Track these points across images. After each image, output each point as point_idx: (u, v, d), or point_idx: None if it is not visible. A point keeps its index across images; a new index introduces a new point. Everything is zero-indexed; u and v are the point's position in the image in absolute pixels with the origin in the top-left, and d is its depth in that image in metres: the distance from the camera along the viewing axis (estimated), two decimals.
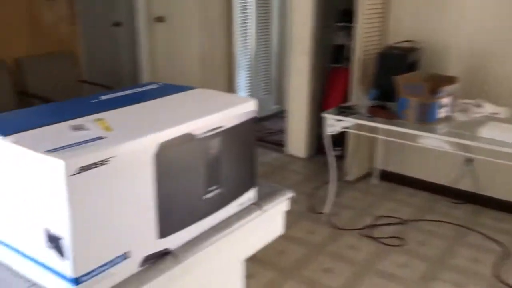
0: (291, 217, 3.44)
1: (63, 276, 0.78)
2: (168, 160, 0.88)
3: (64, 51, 4.34)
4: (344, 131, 3.18)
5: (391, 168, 3.82)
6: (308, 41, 4.01)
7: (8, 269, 0.90)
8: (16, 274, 0.88)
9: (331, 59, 4.29)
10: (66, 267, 0.77)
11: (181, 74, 4.78)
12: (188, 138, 0.92)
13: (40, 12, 4.15)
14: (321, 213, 3.27)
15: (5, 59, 3.89)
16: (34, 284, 0.85)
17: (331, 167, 3.17)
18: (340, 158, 4.03)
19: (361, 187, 3.76)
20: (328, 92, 4.25)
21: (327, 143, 3.07)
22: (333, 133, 3.03)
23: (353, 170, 3.79)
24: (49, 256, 0.79)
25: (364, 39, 3.49)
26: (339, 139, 3.99)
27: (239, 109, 1.05)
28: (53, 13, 4.24)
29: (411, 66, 3.24)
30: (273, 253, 2.81)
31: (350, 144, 3.75)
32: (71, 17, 4.39)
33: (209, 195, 1.01)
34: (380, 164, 3.81)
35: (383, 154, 3.81)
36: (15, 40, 3.99)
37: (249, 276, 2.60)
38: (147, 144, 0.84)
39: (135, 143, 0.81)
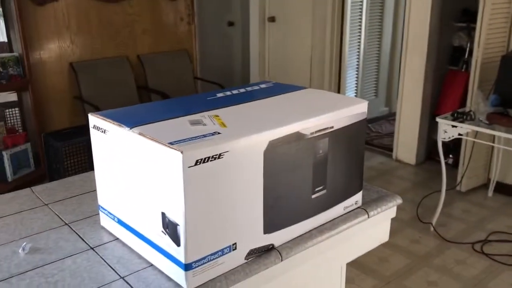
0: (396, 225, 3.31)
1: (175, 260, 0.84)
2: (277, 158, 0.90)
3: (181, 49, 4.60)
4: (459, 138, 2.99)
5: (510, 180, 3.52)
6: (424, 41, 3.83)
7: (125, 246, 0.98)
8: (132, 252, 0.95)
9: (449, 61, 4.06)
10: (178, 252, 0.82)
11: (290, 73, 4.83)
12: (297, 137, 0.93)
13: (163, 12, 4.44)
14: (428, 223, 3.11)
15: (129, 56, 4.22)
16: (150, 264, 0.92)
17: (443, 175, 3.00)
18: (452, 166, 3.81)
19: (474, 199, 3.51)
20: (443, 96, 4.03)
21: (440, 149, 2.91)
22: (447, 140, 2.87)
23: (466, 180, 3.56)
24: (163, 240, 0.85)
25: (486, 41, 3.25)
26: (453, 146, 3.77)
27: (350, 110, 1.04)
28: (174, 13, 4.51)
29: None
30: (375, 259, 2.74)
31: (465, 152, 3.52)
32: (190, 17, 4.63)
33: (315, 196, 1.01)
34: (497, 175, 3.53)
35: (501, 164, 3.52)
36: (140, 38, 4.30)
37: (349, 280, 2.56)
38: (258, 141, 0.86)
39: (248, 139, 0.84)
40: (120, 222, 0.98)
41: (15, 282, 0.87)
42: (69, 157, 3.53)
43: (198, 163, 0.77)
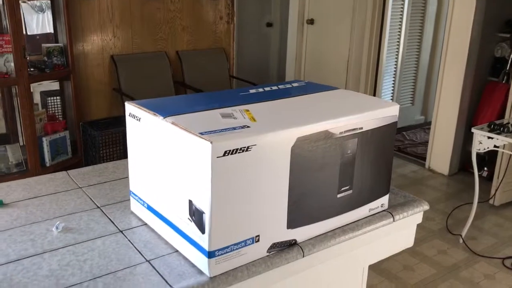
0: (424, 234, 3.26)
1: (199, 247, 0.86)
2: (304, 155, 0.91)
3: (218, 48, 4.65)
4: (495, 151, 2.92)
5: None
6: (464, 50, 3.75)
7: (153, 232, 1.01)
8: (159, 238, 0.99)
9: (489, 72, 3.96)
10: (202, 239, 0.85)
11: (325, 76, 4.82)
12: (325, 135, 0.94)
13: (203, 11, 4.50)
14: (458, 234, 3.05)
15: (168, 51, 4.30)
16: (175, 250, 0.95)
17: (475, 187, 2.94)
18: (487, 179, 3.72)
19: (507, 214, 3.42)
20: (482, 107, 3.94)
21: (474, 161, 2.85)
22: (482, 151, 2.81)
23: (500, 194, 3.47)
24: (189, 227, 0.88)
25: None
26: (488, 158, 3.68)
27: (381, 112, 1.04)
28: (214, 12, 4.57)
29: None
30: (399, 267, 2.71)
31: (500, 165, 3.44)
32: (229, 16, 4.68)
33: (341, 195, 1.02)
34: None
35: None
36: (179, 35, 4.38)
37: (372, 286, 2.54)
38: (286, 137, 0.88)
39: (276, 135, 0.86)
40: (149, 208, 1.01)
41: (48, 258, 0.91)
42: (105, 146, 3.63)
43: (227, 154, 0.80)
